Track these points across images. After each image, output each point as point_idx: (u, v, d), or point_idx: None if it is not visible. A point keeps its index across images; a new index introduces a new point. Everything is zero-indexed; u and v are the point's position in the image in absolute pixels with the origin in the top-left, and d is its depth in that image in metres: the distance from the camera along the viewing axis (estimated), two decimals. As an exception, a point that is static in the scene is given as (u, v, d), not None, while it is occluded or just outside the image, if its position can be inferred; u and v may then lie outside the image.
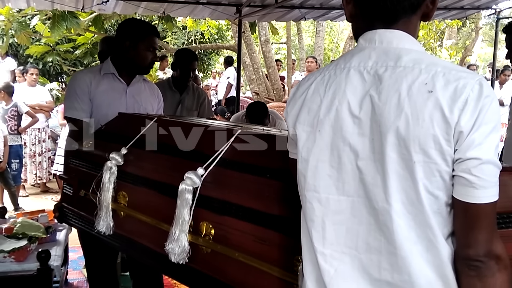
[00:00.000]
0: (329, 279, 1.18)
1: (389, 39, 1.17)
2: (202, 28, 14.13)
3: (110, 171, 2.15)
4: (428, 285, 1.10)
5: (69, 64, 11.69)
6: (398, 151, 1.09)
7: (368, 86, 1.14)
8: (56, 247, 3.10)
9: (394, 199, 1.10)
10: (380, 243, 1.13)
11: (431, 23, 12.34)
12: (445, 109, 1.05)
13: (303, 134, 1.22)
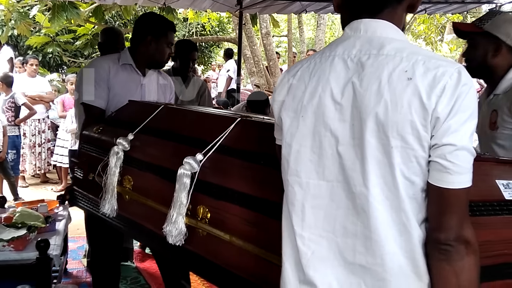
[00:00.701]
0: (306, 261, 1.22)
1: (374, 28, 1.20)
2: (203, 20, 14.12)
3: (117, 155, 2.23)
4: (398, 269, 1.13)
5: (70, 55, 11.69)
6: (377, 136, 1.11)
7: (351, 73, 1.17)
8: (55, 237, 3.11)
9: (372, 184, 1.13)
10: (356, 227, 1.16)
11: (432, 18, 12.33)
12: (423, 96, 1.08)
13: (287, 119, 1.26)
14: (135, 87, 2.84)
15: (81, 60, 10.84)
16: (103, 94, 2.76)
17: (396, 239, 1.14)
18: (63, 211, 3.63)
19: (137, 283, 3.90)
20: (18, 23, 7.86)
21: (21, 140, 6.77)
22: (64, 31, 11.06)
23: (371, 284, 1.16)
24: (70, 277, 3.97)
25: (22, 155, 6.93)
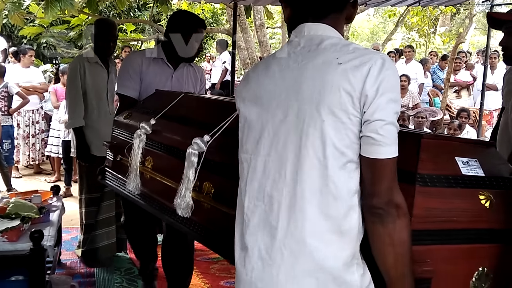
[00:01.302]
0: (245, 229, 1.41)
1: (315, 30, 1.40)
2: (196, 11, 14.05)
3: (139, 138, 2.52)
4: (320, 233, 1.29)
5: (63, 45, 11.61)
6: (311, 113, 1.29)
7: (292, 62, 1.38)
8: (49, 228, 3.12)
9: (302, 155, 1.30)
10: (281, 195, 1.33)
11: (425, 10, 12.31)
12: (351, 77, 1.27)
13: (244, 107, 1.47)
14: (165, 79, 3.11)
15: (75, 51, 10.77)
16: (136, 85, 3.08)
17: (320, 206, 1.29)
18: (57, 202, 3.65)
19: (131, 274, 3.93)
20: (12, 13, 7.79)
21: (15, 130, 6.77)
22: (58, 22, 10.99)
23: (293, 247, 1.30)
24: (64, 268, 4.00)
25: (16, 146, 6.92)
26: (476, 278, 1.53)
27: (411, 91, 8.47)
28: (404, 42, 14.82)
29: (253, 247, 1.38)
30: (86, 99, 4.05)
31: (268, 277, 1.34)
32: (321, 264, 1.29)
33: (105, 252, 4.10)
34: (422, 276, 1.42)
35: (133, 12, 14.59)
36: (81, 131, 4.05)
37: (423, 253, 1.42)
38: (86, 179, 4.12)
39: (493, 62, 8.60)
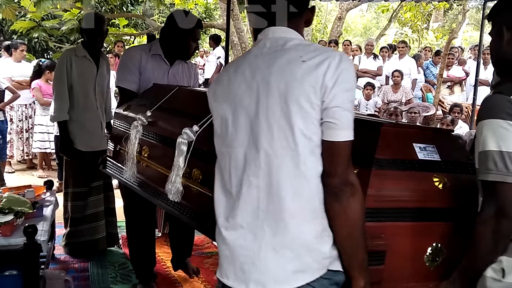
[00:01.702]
0: (230, 211, 1.57)
1: (279, 33, 1.58)
2: (189, 6, 14.01)
3: (136, 129, 2.70)
4: (296, 211, 1.47)
5: (55, 40, 11.55)
6: (280, 105, 1.46)
7: (261, 62, 1.54)
8: (42, 222, 3.11)
9: (275, 143, 1.47)
10: (259, 180, 1.50)
11: (419, 5, 12.34)
12: (314, 72, 1.44)
13: (218, 106, 1.63)
14: (162, 75, 3.29)
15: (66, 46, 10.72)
16: (135, 79, 3.24)
17: (294, 187, 1.47)
18: (50, 197, 3.63)
19: (125, 269, 3.93)
20: (3, 8, 7.74)
21: (6, 125, 6.71)
22: (50, 16, 10.92)
23: (273, 224, 1.48)
24: (58, 262, 3.99)
25: (9, 141, 6.88)
26: (430, 253, 1.71)
27: (404, 87, 8.50)
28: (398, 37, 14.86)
29: (236, 227, 1.55)
30: (72, 93, 4.03)
31: (251, 251, 1.51)
32: (296, 237, 1.48)
33: (93, 246, 4.12)
34: (377, 249, 1.59)
35: (126, 6, 14.51)
36: (65, 125, 4.05)
37: (378, 229, 1.59)
38: (73, 174, 4.13)
39: (485, 57, 8.64)
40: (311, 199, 1.48)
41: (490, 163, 1.57)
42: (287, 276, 1.48)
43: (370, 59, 9.35)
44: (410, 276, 1.70)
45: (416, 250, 1.70)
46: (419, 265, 1.71)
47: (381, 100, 8.46)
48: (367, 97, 8.34)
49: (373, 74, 9.19)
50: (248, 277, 1.52)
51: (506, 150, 1.54)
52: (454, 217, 1.74)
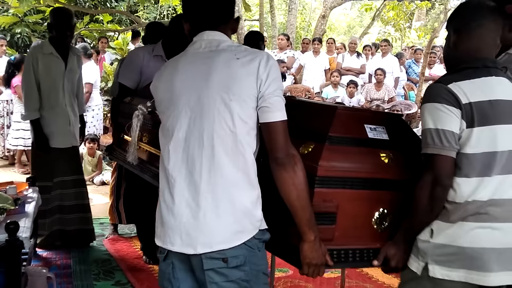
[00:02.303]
0: (172, 187, 1.81)
1: (213, 36, 1.88)
2: (174, 3, 13.97)
3: (138, 118, 3.01)
4: (235, 181, 1.76)
5: (38, 36, 11.45)
6: (220, 95, 1.76)
7: (199, 59, 1.84)
8: (25, 219, 3.10)
9: (216, 126, 1.75)
10: (202, 158, 1.76)
11: (401, 4, 12.43)
12: (247, 66, 1.77)
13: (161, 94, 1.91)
14: None
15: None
16: (135, 77, 3.56)
17: (234, 162, 1.76)
18: (33, 193, 3.62)
19: (108, 265, 3.94)
20: (-15, 3, 7.68)
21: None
22: (33, 12, 10.84)
23: (215, 195, 1.75)
24: (40, 259, 3.99)
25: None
26: (377, 217, 2.01)
27: (387, 85, 8.58)
28: (381, 36, 14.94)
29: (180, 200, 1.78)
30: (40, 91, 4.03)
31: (196, 219, 1.75)
32: (237, 204, 1.76)
33: (56, 240, 4.15)
34: (328, 211, 1.90)
35: (110, 2, 14.42)
36: (37, 123, 4.05)
37: (329, 194, 1.90)
38: (37, 168, 4.16)
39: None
40: (248, 171, 1.79)
41: (428, 139, 1.87)
42: (229, 237, 1.75)
43: (353, 57, 9.42)
44: (360, 236, 2.00)
45: (365, 214, 1.99)
46: (368, 227, 2.01)
47: (364, 98, 8.53)
48: (350, 95, 8.41)
49: (356, 72, 9.26)
50: (195, 241, 1.75)
51: (441, 128, 1.84)
52: (399, 187, 2.02)
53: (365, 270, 3.95)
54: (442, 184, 1.85)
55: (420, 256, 1.93)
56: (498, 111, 1.88)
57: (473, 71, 1.94)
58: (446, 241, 1.88)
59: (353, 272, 3.93)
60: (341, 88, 8.69)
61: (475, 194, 1.84)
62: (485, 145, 1.85)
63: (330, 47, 9.88)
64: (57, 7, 5.15)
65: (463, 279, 1.86)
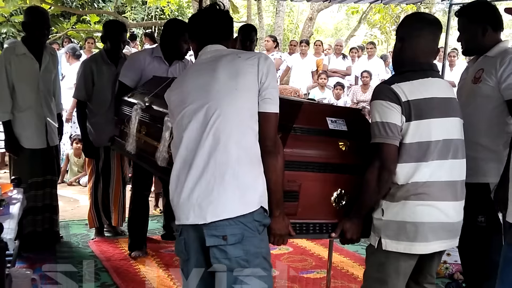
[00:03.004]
0: (183, 167, 2.09)
1: (215, 48, 2.22)
2: (162, 4, 13.96)
3: (136, 111, 3.39)
4: (239, 159, 2.02)
5: (24, 36, 11.38)
6: (228, 85, 2.06)
7: (205, 65, 2.16)
8: (9, 220, 3.08)
9: (226, 113, 2.04)
10: (210, 139, 2.03)
11: (387, 7, 12.53)
12: (250, 64, 2.09)
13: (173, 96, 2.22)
14: (162, 73, 3.90)
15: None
16: (135, 77, 3.90)
17: (237, 142, 2.03)
18: (17, 195, 3.60)
19: (94, 267, 3.92)
20: (-30, 3, 7.63)
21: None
22: (19, 11, 10.77)
23: (223, 171, 2.01)
24: (25, 261, 3.96)
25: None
26: (335, 197, 2.39)
27: (373, 87, 8.59)
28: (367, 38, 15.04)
29: (193, 178, 2.04)
30: (15, 92, 4.00)
31: (206, 194, 2.01)
32: (241, 179, 2.02)
33: (35, 240, 4.12)
34: (291, 189, 2.26)
35: (97, 3, 14.38)
36: (8, 125, 4.03)
37: (292, 175, 2.25)
38: (13, 169, 4.15)
39: (452, 60, 8.83)
40: (249, 150, 2.05)
41: (375, 130, 2.24)
42: (234, 207, 2.00)
43: (339, 59, 9.47)
44: (321, 212, 2.38)
45: (325, 194, 2.37)
46: (327, 205, 2.38)
47: (351, 100, 8.58)
48: (337, 97, 8.45)
49: (343, 74, 9.31)
50: (205, 211, 2.00)
51: (385, 121, 2.21)
52: (355, 171, 2.39)
53: (351, 271, 3.99)
54: (387, 168, 2.23)
55: (375, 232, 2.32)
56: (432, 107, 2.25)
57: (412, 74, 2.29)
58: (393, 217, 2.26)
59: (339, 272, 3.97)
60: (328, 90, 8.73)
61: (413, 177, 2.22)
62: (420, 136, 2.23)
63: (318, 49, 9.92)
64: (31, 6, 5.11)
65: (407, 250, 2.25)
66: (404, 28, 2.41)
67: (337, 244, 4.59)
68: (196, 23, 2.31)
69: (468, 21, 2.86)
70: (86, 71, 4.34)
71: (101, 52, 4.44)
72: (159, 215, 5.40)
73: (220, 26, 2.26)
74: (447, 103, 2.32)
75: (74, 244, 4.40)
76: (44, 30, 4.04)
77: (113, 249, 4.30)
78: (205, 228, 2.00)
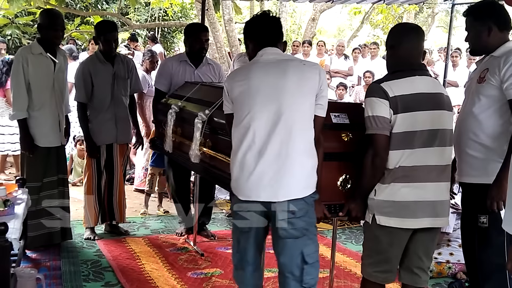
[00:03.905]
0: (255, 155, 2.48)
1: (274, 50, 2.63)
2: (164, 5, 13.99)
3: (171, 115, 3.89)
4: (300, 151, 2.48)
5: (29, 37, 11.44)
6: (297, 89, 2.49)
7: (271, 65, 2.56)
8: (14, 220, 3.09)
9: (294, 111, 2.48)
10: (282, 133, 2.46)
11: (390, 8, 12.53)
12: (314, 71, 2.56)
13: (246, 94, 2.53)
14: (189, 75, 4.46)
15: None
16: (166, 83, 4.48)
17: (302, 136, 2.50)
18: (22, 195, 3.62)
19: (98, 267, 3.95)
20: (-25, 5, 7.66)
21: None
22: (24, 13, 10.82)
23: (290, 159, 2.45)
24: (29, 261, 3.99)
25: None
26: (341, 181, 2.87)
27: (376, 87, 8.61)
28: (370, 39, 15.03)
29: (265, 164, 2.45)
30: (30, 91, 4.06)
31: (277, 178, 2.45)
32: (305, 167, 2.50)
33: (48, 240, 4.18)
34: None
35: (101, 4, 14.42)
36: (24, 123, 4.08)
37: None
38: (27, 168, 4.18)
39: (454, 60, 8.82)
40: (310, 145, 2.53)
41: (368, 123, 2.61)
42: (300, 190, 2.49)
43: (341, 59, 9.48)
44: (330, 194, 2.82)
45: (332, 178, 2.84)
46: (335, 188, 2.86)
47: (353, 100, 8.59)
48: (340, 97, 8.46)
49: (345, 74, 9.32)
50: (277, 192, 2.46)
51: (376, 115, 2.57)
52: (356, 159, 2.77)
53: (354, 270, 4.00)
54: (379, 155, 2.59)
55: (370, 210, 2.69)
56: (418, 101, 2.58)
57: (401, 74, 2.64)
58: (385, 197, 2.62)
59: (342, 272, 3.98)
60: (331, 90, 8.74)
61: (400, 162, 2.58)
62: (406, 126, 2.56)
63: (321, 50, 9.93)
64: (46, 9, 5.18)
65: (398, 225, 2.61)
66: (392, 37, 2.74)
67: (339, 244, 4.63)
68: (255, 26, 2.70)
69: (473, 20, 2.88)
70: (84, 72, 4.39)
71: (97, 53, 4.50)
72: (162, 215, 5.42)
73: (277, 30, 2.68)
74: (432, 97, 2.62)
75: (78, 244, 4.42)
76: (59, 31, 4.11)
77: (121, 248, 4.33)
78: (276, 205, 2.46)
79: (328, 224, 4.93)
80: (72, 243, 4.42)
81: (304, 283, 2.56)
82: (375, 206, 2.65)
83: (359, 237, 4.82)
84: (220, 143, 3.22)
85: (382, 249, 2.69)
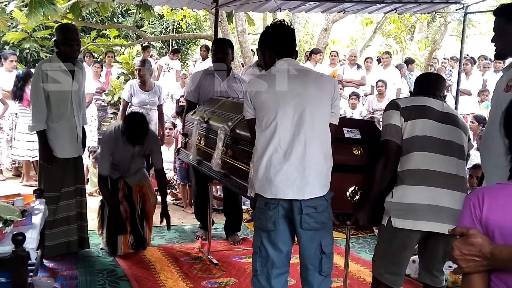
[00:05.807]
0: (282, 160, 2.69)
1: (291, 61, 2.88)
2: (178, 17, 14.12)
3: (196, 126, 4.25)
4: (320, 154, 2.71)
5: (47, 51, 11.60)
6: (318, 98, 2.74)
7: (293, 75, 2.78)
8: (31, 230, 3.14)
9: (315, 117, 2.71)
10: (305, 137, 2.68)
11: (402, 17, 12.52)
12: (330, 82, 2.84)
13: (269, 101, 2.75)
14: (216, 87, 4.73)
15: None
16: (196, 94, 4.79)
17: (322, 140, 2.73)
18: (40, 205, 3.68)
19: (113, 276, 3.99)
20: (-5, 19, 7.81)
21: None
22: (41, 27, 10.99)
23: (311, 161, 2.67)
24: (47, 270, 4.04)
25: (-1, 148, 6.90)
26: (351, 192, 3.04)
27: (389, 96, 8.61)
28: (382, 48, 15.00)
29: (291, 165, 2.67)
30: (49, 103, 4.15)
31: (302, 178, 2.66)
32: (323, 169, 2.72)
33: (65, 249, 4.25)
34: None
35: (117, 18, 14.59)
36: (43, 134, 4.17)
37: None
38: (45, 179, 4.25)
39: (465, 68, 8.77)
40: (329, 148, 2.76)
41: (382, 131, 2.93)
42: (320, 188, 2.71)
43: (353, 69, 9.48)
44: (340, 205, 2.97)
45: (342, 190, 3.01)
46: (344, 199, 3.03)
47: (366, 110, 8.58)
48: (352, 106, 8.46)
49: (357, 84, 9.32)
50: (302, 190, 2.67)
51: (388, 123, 2.89)
52: (366, 171, 2.99)
53: (368, 279, 3.99)
54: (390, 159, 2.86)
55: (386, 213, 2.87)
56: (429, 112, 2.86)
57: (415, 95, 3.08)
58: (398, 199, 2.80)
59: (356, 281, 3.98)
60: (344, 100, 8.75)
61: (414, 164, 2.79)
62: (417, 131, 2.82)
63: (333, 60, 9.95)
64: (62, 24, 5.27)
65: (412, 227, 2.76)
66: (416, 83, 3.20)
67: (353, 253, 4.62)
68: (273, 36, 2.89)
69: (507, 21, 2.60)
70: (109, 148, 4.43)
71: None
72: (178, 224, 5.46)
73: (293, 42, 2.91)
74: (446, 115, 2.91)
75: (95, 254, 4.47)
76: (74, 46, 4.19)
77: (136, 258, 4.39)
78: (302, 202, 2.68)
79: (341, 233, 4.94)
80: (89, 252, 4.48)
81: (323, 271, 2.78)
82: (390, 209, 2.85)
83: (372, 246, 4.80)
84: (240, 153, 3.44)
85: (393, 251, 2.87)
